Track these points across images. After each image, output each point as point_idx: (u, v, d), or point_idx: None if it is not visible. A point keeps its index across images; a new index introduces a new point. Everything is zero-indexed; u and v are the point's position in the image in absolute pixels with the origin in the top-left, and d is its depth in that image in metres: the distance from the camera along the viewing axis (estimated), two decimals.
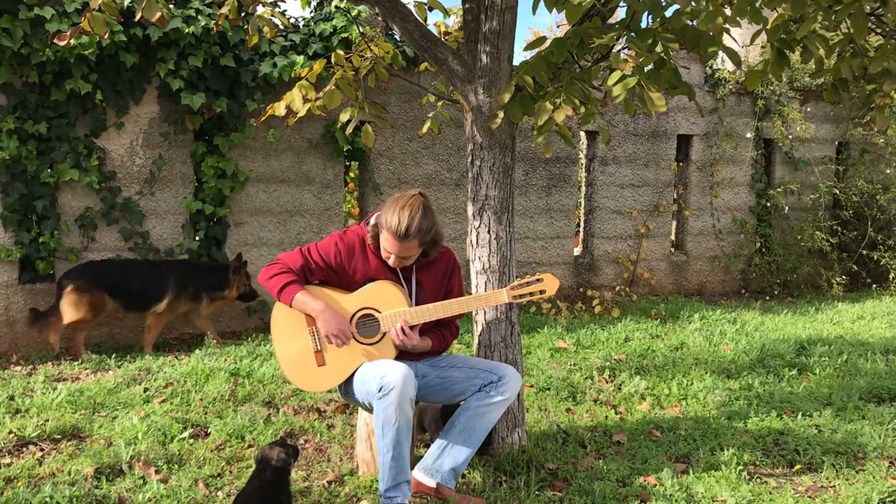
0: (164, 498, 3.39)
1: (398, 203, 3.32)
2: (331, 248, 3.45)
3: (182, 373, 5.17)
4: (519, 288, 3.49)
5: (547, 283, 3.49)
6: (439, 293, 3.57)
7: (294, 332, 3.42)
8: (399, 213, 3.27)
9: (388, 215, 3.30)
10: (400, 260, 3.39)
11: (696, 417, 4.55)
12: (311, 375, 3.42)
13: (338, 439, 4.18)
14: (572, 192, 8.02)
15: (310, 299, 3.37)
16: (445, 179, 7.37)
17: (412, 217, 3.27)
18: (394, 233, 3.27)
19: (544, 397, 4.90)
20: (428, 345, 3.52)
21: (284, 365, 3.44)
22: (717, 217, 8.75)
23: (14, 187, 5.76)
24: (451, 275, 3.63)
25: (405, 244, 3.30)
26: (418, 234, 3.29)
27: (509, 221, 3.88)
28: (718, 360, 5.68)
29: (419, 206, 3.32)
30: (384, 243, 3.36)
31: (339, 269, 3.45)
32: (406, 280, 3.51)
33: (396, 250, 3.33)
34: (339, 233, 3.52)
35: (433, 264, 3.56)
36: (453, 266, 3.64)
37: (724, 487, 3.57)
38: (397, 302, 3.42)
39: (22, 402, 4.56)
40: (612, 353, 5.87)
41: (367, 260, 3.47)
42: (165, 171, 6.29)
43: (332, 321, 3.34)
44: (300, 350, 3.42)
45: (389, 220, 3.28)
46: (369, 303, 3.43)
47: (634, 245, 8.36)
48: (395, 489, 3.23)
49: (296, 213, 6.80)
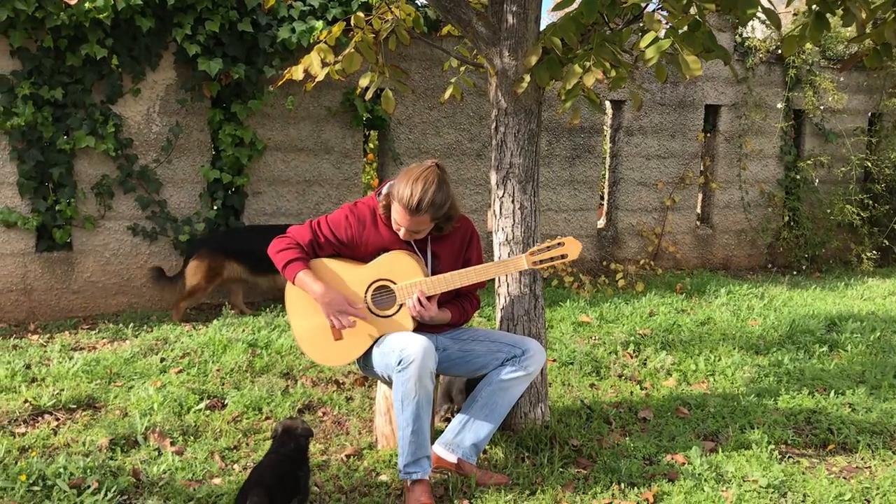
0: (180, 470, 3.32)
1: (412, 174, 3.18)
2: (341, 221, 3.33)
3: (199, 343, 5.10)
4: (539, 253, 3.35)
5: (568, 246, 3.34)
6: (457, 264, 3.43)
7: (309, 307, 3.31)
8: (412, 186, 3.13)
9: (401, 187, 3.15)
10: (410, 234, 3.26)
11: (724, 394, 4.42)
12: (328, 350, 3.32)
13: (356, 412, 4.10)
14: (597, 164, 7.85)
15: (310, 280, 3.24)
16: (467, 149, 7.22)
17: (425, 190, 3.12)
18: (405, 206, 3.14)
19: (567, 372, 4.78)
20: (447, 316, 3.41)
21: (301, 340, 3.34)
22: (744, 190, 8.54)
23: (30, 154, 5.68)
24: (470, 244, 3.49)
25: (416, 218, 3.17)
26: (430, 208, 3.15)
27: (534, 191, 3.75)
28: (746, 336, 5.53)
29: (434, 179, 3.17)
30: (395, 215, 3.22)
31: (349, 243, 3.33)
32: (421, 252, 3.38)
33: (407, 224, 3.20)
34: (349, 204, 3.39)
35: (450, 233, 3.42)
36: (471, 235, 3.50)
37: (755, 467, 3.45)
38: (413, 272, 3.30)
39: (38, 371, 4.51)
40: (636, 328, 5.74)
41: (379, 232, 3.34)
42: (182, 139, 6.19)
43: (332, 304, 3.22)
44: (316, 325, 3.31)
45: (401, 193, 3.14)
46: (384, 274, 3.31)
47: (659, 218, 8.18)
48: (415, 464, 3.14)
49: (314, 182, 6.69)
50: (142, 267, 6.19)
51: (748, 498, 3.16)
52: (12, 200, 5.74)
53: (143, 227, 6.14)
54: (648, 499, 3.15)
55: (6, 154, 5.67)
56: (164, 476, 3.27)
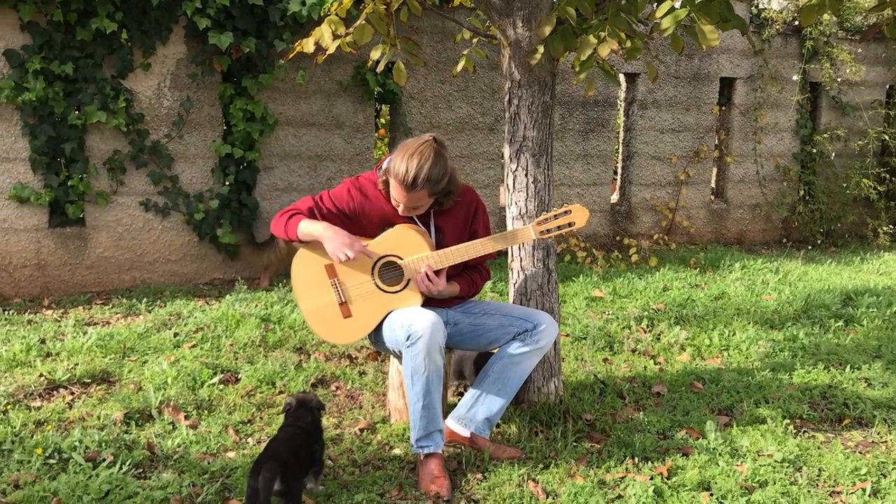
0: (194, 444, 3.34)
1: (408, 149, 3.13)
2: (343, 194, 3.30)
3: (212, 318, 5.11)
4: (546, 222, 3.31)
5: (575, 214, 3.31)
6: (462, 237, 3.40)
7: (316, 286, 3.29)
8: (407, 161, 3.08)
9: (397, 162, 3.11)
10: (409, 209, 3.23)
11: (738, 369, 4.40)
12: (337, 328, 3.30)
13: (370, 386, 4.10)
14: (610, 137, 7.78)
15: (311, 223, 3.20)
16: (479, 123, 7.17)
17: (420, 166, 3.07)
18: (401, 182, 3.09)
19: (580, 347, 4.77)
20: (456, 290, 3.39)
21: (310, 320, 3.32)
22: (759, 164, 8.45)
23: (42, 129, 5.67)
24: (475, 216, 3.45)
25: (413, 194, 3.13)
26: (427, 183, 3.10)
27: (548, 164, 3.71)
28: (761, 311, 5.50)
29: (430, 154, 3.11)
30: (392, 192, 3.19)
31: (353, 217, 3.30)
32: (424, 225, 3.35)
33: (404, 200, 3.16)
34: (351, 179, 3.36)
35: (454, 206, 3.39)
36: (476, 206, 3.46)
37: (769, 441, 3.44)
38: (419, 247, 3.27)
39: (53, 346, 4.53)
40: (650, 303, 5.71)
41: (381, 206, 3.31)
42: (194, 114, 6.16)
43: (335, 238, 3.16)
44: (324, 303, 3.29)
45: (397, 168, 3.10)
46: (391, 249, 3.28)
47: (673, 192, 8.12)
48: (427, 438, 3.14)
49: (326, 157, 6.66)
50: (154, 242, 6.20)
51: (763, 472, 3.14)
52: (25, 176, 5.75)
53: (155, 203, 6.14)
54: (663, 473, 3.14)
55: (18, 129, 5.67)
56: (178, 449, 3.28)
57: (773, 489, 3.02)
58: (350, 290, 3.28)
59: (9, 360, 4.28)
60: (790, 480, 3.12)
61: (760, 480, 3.10)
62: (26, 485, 2.95)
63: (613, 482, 3.10)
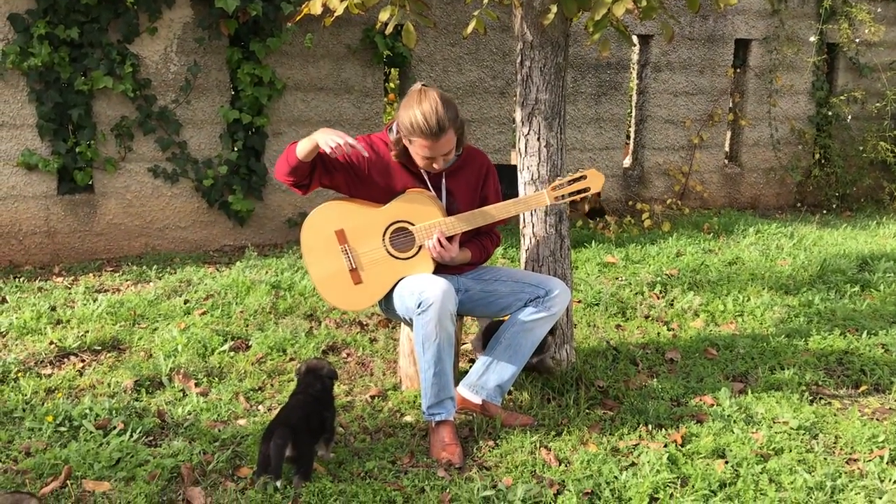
0: (204, 411, 3.33)
1: (412, 102, 3.05)
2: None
3: (223, 285, 5.09)
4: (560, 188, 3.25)
5: (591, 179, 3.24)
6: (474, 201, 3.34)
7: (326, 252, 3.24)
8: (420, 110, 3.00)
9: (411, 117, 3.02)
10: (444, 159, 3.14)
11: (753, 335, 4.35)
12: (348, 295, 3.26)
13: (381, 353, 4.08)
14: (623, 101, 7.67)
15: (305, 138, 3.04)
16: (490, 87, 7.06)
17: (434, 108, 3.00)
18: (426, 132, 3.01)
19: (593, 313, 4.73)
20: (468, 256, 3.33)
21: (320, 286, 3.28)
22: (774, 127, 8.32)
23: (48, 95, 5.62)
24: (486, 180, 3.39)
25: (442, 140, 3.04)
26: (450, 121, 3.03)
27: (560, 128, 3.63)
28: (776, 276, 5.43)
29: (433, 94, 3.04)
30: (420, 150, 3.10)
31: (361, 174, 3.21)
32: (435, 189, 3.28)
33: (436, 150, 3.07)
34: (363, 136, 3.28)
35: (464, 168, 3.32)
36: (487, 170, 3.40)
37: (785, 408, 3.40)
38: (431, 213, 3.21)
39: (63, 313, 4.53)
40: (663, 268, 5.65)
41: (392, 167, 3.24)
42: (201, 79, 6.09)
43: (325, 132, 2.99)
44: (334, 270, 3.25)
45: (416, 122, 3.00)
46: (402, 215, 3.22)
47: (686, 156, 8.01)
48: (439, 406, 3.11)
49: (335, 122, 6.58)
50: (163, 209, 6.16)
51: (778, 440, 3.11)
52: (32, 143, 5.70)
53: (163, 169, 6.09)
54: (676, 440, 3.11)
55: (24, 95, 5.61)
56: (188, 417, 3.27)
57: (788, 456, 2.98)
58: (361, 257, 3.23)
59: (19, 327, 4.27)
60: (806, 448, 3.08)
61: (776, 448, 3.06)
62: (37, 452, 2.94)
63: (627, 449, 3.07)
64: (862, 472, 2.93)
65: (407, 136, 3.09)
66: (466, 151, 3.33)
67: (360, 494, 2.70)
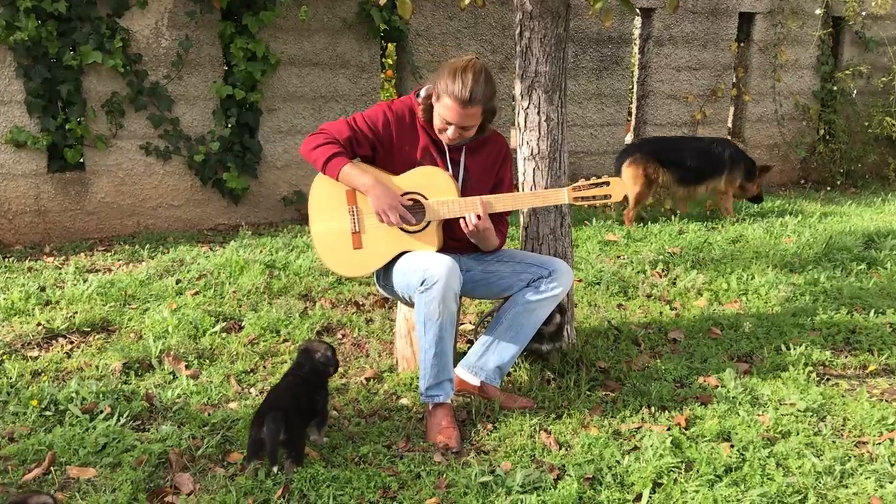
0: (194, 394, 3.24)
1: (458, 66, 2.96)
2: (379, 116, 3.11)
3: (216, 264, 4.98)
4: (582, 189, 3.15)
5: (614, 187, 3.14)
6: (488, 183, 3.24)
7: (332, 209, 3.13)
8: (462, 77, 2.92)
9: (448, 81, 2.93)
10: (459, 132, 3.03)
11: (758, 314, 4.25)
12: (345, 258, 3.15)
13: (376, 334, 3.98)
14: (624, 76, 7.53)
15: (358, 173, 3.04)
16: (489, 62, 6.92)
17: (476, 80, 2.92)
18: (457, 98, 2.91)
19: (594, 292, 4.62)
20: (496, 240, 3.23)
21: (318, 244, 3.17)
22: (778, 102, 8.19)
23: (36, 71, 5.48)
24: (503, 164, 3.29)
25: (468, 111, 2.95)
26: (482, 99, 2.95)
27: (561, 101, 3.51)
28: (780, 254, 5.32)
29: (481, 69, 2.97)
30: (444, 113, 2.99)
31: (385, 140, 3.11)
32: (453, 163, 3.17)
33: (458, 119, 2.97)
34: (386, 102, 3.17)
35: (483, 148, 3.22)
36: (505, 155, 3.30)
37: (791, 390, 3.30)
38: (446, 189, 3.10)
39: (52, 294, 4.42)
40: (665, 246, 5.54)
41: (415, 134, 3.14)
42: (193, 54, 5.95)
43: (383, 196, 3.02)
44: (337, 229, 3.14)
45: (451, 86, 2.92)
46: (416, 187, 3.11)
47: (689, 132, 7.87)
48: (437, 387, 3.01)
49: (330, 98, 6.45)
50: (156, 187, 6.05)
51: (785, 422, 3.02)
52: (21, 119, 5.58)
53: (156, 147, 5.97)
54: (680, 423, 3.02)
55: (12, 71, 5.48)
56: (178, 401, 3.18)
57: (796, 440, 2.89)
58: (367, 220, 3.12)
59: (7, 308, 4.17)
60: (814, 430, 2.99)
61: (783, 430, 2.97)
62: (21, 437, 2.85)
63: (629, 433, 2.98)
64: (871, 455, 2.84)
65: (442, 91, 2.98)
66: (489, 134, 3.24)
67: (353, 480, 2.61)
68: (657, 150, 6.37)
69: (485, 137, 3.21)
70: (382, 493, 2.58)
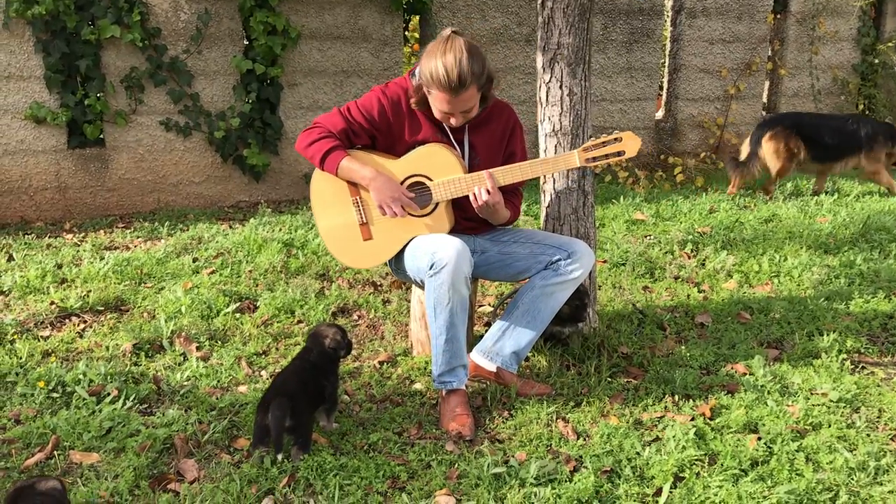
0: (203, 377, 3.16)
1: (436, 50, 2.78)
2: (373, 103, 2.98)
3: (234, 242, 4.92)
4: (593, 149, 2.99)
5: (626, 142, 2.98)
6: (497, 157, 3.09)
7: (336, 204, 3.03)
8: (443, 61, 2.74)
9: (432, 68, 2.76)
10: (462, 116, 2.90)
11: (790, 297, 4.09)
12: (356, 251, 3.05)
13: (393, 316, 3.88)
14: (656, 49, 7.30)
15: (358, 166, 2.94)
16: (515, 35, 6.74)
17: (458, 60, 2.73)
18: (445, 86, 2.75)
19: (618, 274, 4.48)
20: (506, 213, 3.09)
21: (327, 240, 3.08)
22: (815, 76, 7.91)
23: (55, 45, 5.42)
24: (512, 135, 3.12)
25: (463, 96, 2.79)
26: (473, 78, 2.77)
27: (585, 75, 3.36)
28: (815, 234, 5.13)
29: (461, 46, 2.77)
30: (439, 105, 2.84)
31: (383, 128, 2.99)
32: (457, 142, 3.03)
33: (455, 106, 2.82)
34: (380, 87, 3.03)
35: (489, 122, 3.06)
36: (513, 125, 3.13)
37: (824, 378, 3.15)
38: (451, 168, 2.97)
39: (68, 272, 4.38)
40: (694, 226, 5.37)
41: (414, 117, 3.00)
42: (213, 28, 5.85)
43: (384, 188, 2.92)
44: (343, 223, 3.04)
45: (436, 73, 2.75)
46: (419, 169, 2.99)
47: (722, 108, 7.64)
48: (450, 374, 2.91)
49: (352, 73, 6.33)
50: (177, 164, 5.99)
51: (816, 413, 2.87)
52: (40, 95, 5.53)
53: (175, 122, 5.90)
54: (705, 413, 2.89)
55: (31, 46, 5.42)
56: (186, 383, 3.11)
57: (827, 432, 2.75)
58: (373, 210, 3.01)
59: (22, 286, 4.14)
60: (847, 422, 2.84)
61: (814, 422, 2.82)
62: (27, 420, 2.80)
63: (651, 422, 2.86)
64: None
65: (426, 88, 2.84)
66: (493, 104, 3.07)
67: (361, 469, 2.52)
68: (796, 125, 6.27)
69: (488, 111, 3.05)
70: (391, 483, 2.49)
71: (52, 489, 2.02)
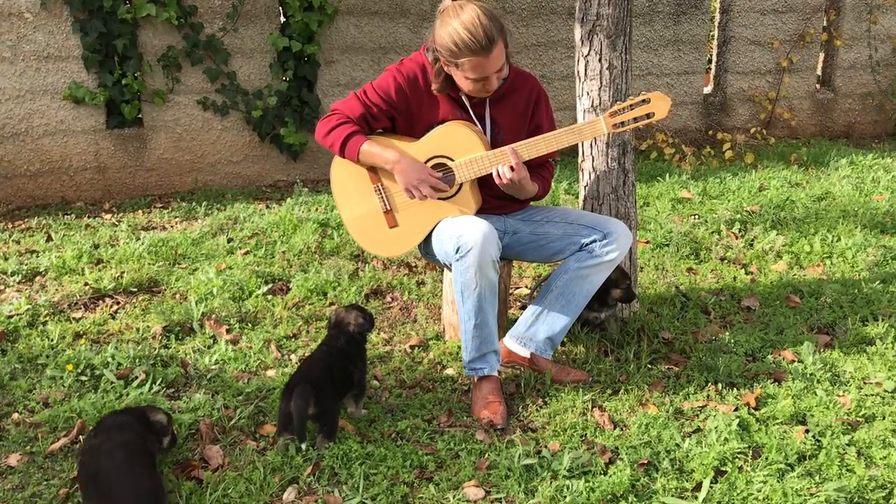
0: (231, 361, 3.12)
1: (448, 18, 2.64)
2: (390, 83, 2.85)
3: (270, 223, 4.87)
4: (620, 114, 2.83)
5: (655, 103, 2.81)
6: (522, 131, 2.95)
7: (358, 193, 2.94)
8: (462, 22, 2.60)
9: (453, 34, 2.61)
10: (497, 77, 2.75)
11: (842, 280, 3.89)
12: (383, 239, 2.95)
13: (426, 298, 3.79)
14: (704, 21, 7.04)
15: (380, 149, 2.83)
16: (557, 7, 6.55)
17: (477, 16, 2.60)
18: (476, 47, 2.60)
19: (662, 255, 4.32)
20: (534, 188, 2.96)
21: (352, 230, 2.99)
22: (873, 47, 7.55)
23: (92, 25, 5.40)
24: (536, 107, 2.97)
25: (494, 53, 2.64)
26: (496, 32, 2.63)
27: (625, 47, 3.20)
28: (870, 213, 4.89)
29: (472, 6, 2.65)
30: (470, 73, 2.69)
31: (401, 107, 2.87)
32: (478, 118, 2.91)
33: (489, 67, 2.67)
34: (394, 65, 2.89)
35: (511, 95, 2.92)
36: (538, 96, 2.97)
37: (878, 366, 2.98)
38: (473, 146, 2.84)
39: (104, 252, 4.38)
40: (743, 204, 5.16)
41: (432, 95, 2.86)
42: (249, 5, 5.78)
43: (410, 170, 2.81)
44: (367, 212, 2.94)
45: (461, 37, 2.60)
46: (440, 150, 2.87)
47: (774, 81, 7.35)
48: (481, 360, 2.81)
49: (390, 49, 6.21)
50: (214, 143, 5.95)
51: (869, 404, 2.71)
52: (79, 75, 5.53)
53: (213, 101, 5.86)
54: (749, 402, 2.75)
55: (69, 26, 5.41)
56: (213, 367, 3.06)
57: (881, 425, 2.59)
58: (395, 197, 2.92)
59: (58, 267, 4.14)
60: None
61: (866, 414, 2.67)
62: (55, 403, 2.79)
63: (692, 412, 2.73)
64: None
65: (452, 60, 2.70)
66: (514, 74, 2.93)
67: (388, 458, 2.45)
68: None
69: (510, 81, 2.90)
70: (418, 473, 2.41)
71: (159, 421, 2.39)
